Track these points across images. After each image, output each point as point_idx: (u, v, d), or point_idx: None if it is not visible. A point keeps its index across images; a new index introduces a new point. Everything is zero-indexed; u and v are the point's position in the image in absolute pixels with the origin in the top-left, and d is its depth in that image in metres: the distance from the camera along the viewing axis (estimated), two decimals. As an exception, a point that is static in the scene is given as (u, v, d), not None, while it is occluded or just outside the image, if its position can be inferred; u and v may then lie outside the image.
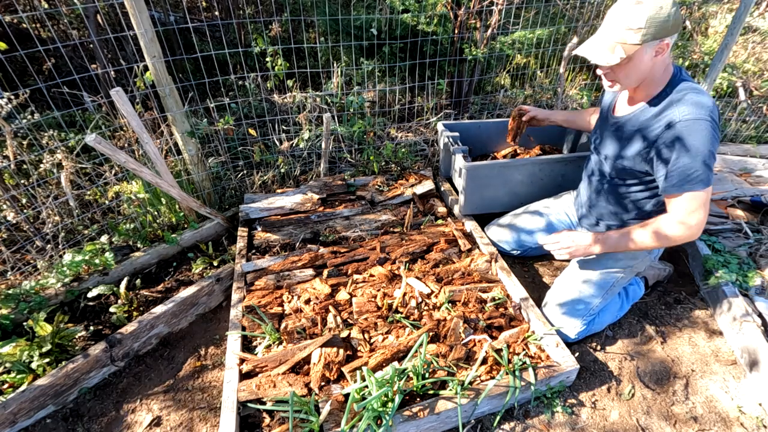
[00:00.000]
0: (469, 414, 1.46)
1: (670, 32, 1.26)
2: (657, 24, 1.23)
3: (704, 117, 1.29)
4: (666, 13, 1.23)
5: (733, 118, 3.26)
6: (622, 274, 1.71)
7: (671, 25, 1.24)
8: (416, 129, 3.11)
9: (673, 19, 1.24)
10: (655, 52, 1.30)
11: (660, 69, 1.38)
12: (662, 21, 1.23)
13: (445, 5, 2.80)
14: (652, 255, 1.72)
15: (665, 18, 1.23)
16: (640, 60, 1.31)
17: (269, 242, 2.17)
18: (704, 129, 1.29)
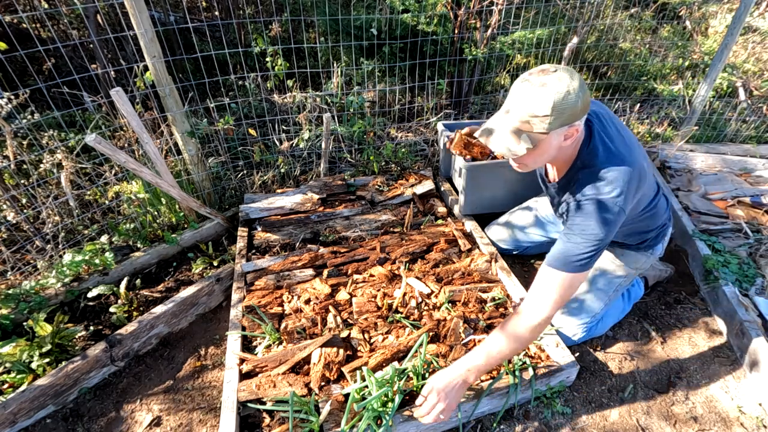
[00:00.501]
0: (469, 414, 1.46)
1: (579, 116, 1.16)
2: (565, 109, 1.12)
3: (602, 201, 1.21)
4: (574, 98, 1.11)
5: (733, 118, 3.26)
6: (625, 278, 1.70)
7: (580, 110, 1.14)
8: (416, 129, 3.11)
9: (582, 103, 1.13)
10: (564, 137, 1.20)
11: (571, 149, 1.29)
12: (570, 106, 1.12)
13: (445, 5, 2.80)
14: (655, 255, 1.70)
15: (573, 103, 1.11)
16: (549, 146, 1.21)
17: (269, 242, 2.17)
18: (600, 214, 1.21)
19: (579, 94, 1.12)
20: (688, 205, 2.45)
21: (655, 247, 1.67)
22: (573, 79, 1.12)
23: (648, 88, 3.76)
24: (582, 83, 1.13)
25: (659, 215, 1.57)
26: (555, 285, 1.26)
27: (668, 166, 2.84)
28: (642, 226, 1.56)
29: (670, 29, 4.35)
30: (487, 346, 1.30)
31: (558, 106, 1.11)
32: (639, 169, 1.27)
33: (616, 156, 1.25)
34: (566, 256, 1.25)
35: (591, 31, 3.83)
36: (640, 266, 1.69)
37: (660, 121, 3.31)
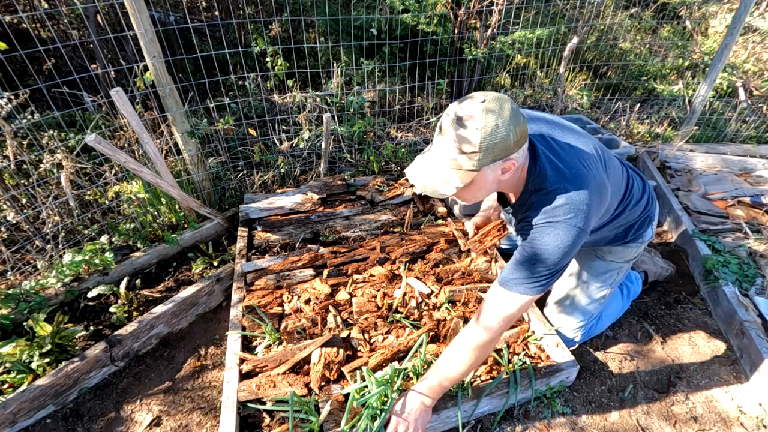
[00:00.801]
0: (469, 414, 1.46)
1: (514, 150, 1.04)
2: (494, 145, 1.01)
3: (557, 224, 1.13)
4: (504, 132, 1.00)
5: (733, 118, 3.26)
6: (618, 273, 1.65)
7: (514, 143, 1.03)
8: (416, 129, 3.11)
9: (516, 135, 1.03)
10: (501, 170, 1.08)
11: (516, 176, 1.18)
12: (501, 140, 1.01)
13: (445, 5, 2.80)
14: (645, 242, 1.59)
15: (503, 137, 1.01)
16: (484, 182, 1.10)
17: (269, 242, 2.17)
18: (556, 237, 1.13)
19: (510, 127, 1.01)
20: (688, 205, 2.45)
21: (644, 234, 1.57)
22: (503, 111, 1.01)
23: (648, 88, 3.76)
24: (514, 113, 1.02)
25: (637, 205, 1.46)
26: (505, 305, 1.20)
27: (668, 166, 2.84)
28: (623, 223, 1.49)
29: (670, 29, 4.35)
30: (439, 369, 1.29)
31: (486, 142, 1.00)
32: (595, 181, 1.18)
33: (568, 174, 1.15)
34: (519, 278, 1.18)
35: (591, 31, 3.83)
36: (632, 257, 1.63)
37: (660, 121, 3.31)
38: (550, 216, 1.14)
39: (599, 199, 1.19)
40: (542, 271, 1.16)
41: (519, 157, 1.08)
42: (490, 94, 1.04)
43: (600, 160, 1.26)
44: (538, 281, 1.16)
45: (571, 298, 1.71)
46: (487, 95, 1.03)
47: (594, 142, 1.31)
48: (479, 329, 1.23)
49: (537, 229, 1.17)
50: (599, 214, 1.25)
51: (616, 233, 1.51)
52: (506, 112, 1.01)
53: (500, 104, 1.01)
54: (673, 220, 2.42)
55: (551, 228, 1.14)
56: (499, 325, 1.21)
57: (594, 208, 1.17)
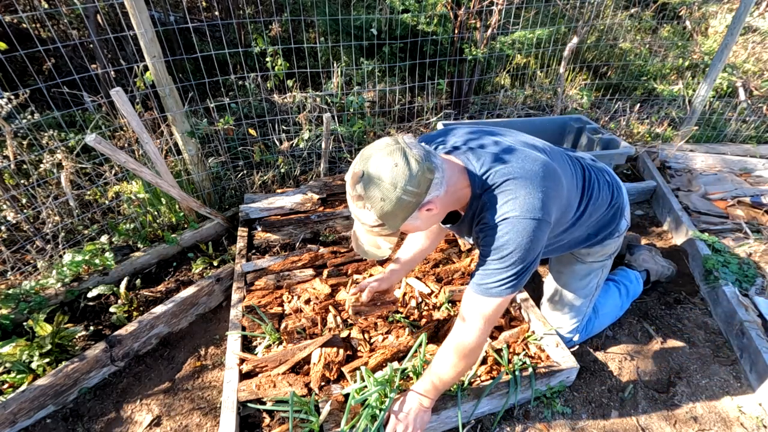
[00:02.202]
0: (469, 414, 1.46)
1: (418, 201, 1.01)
2: (393, 212, 1.00)
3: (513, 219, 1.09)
4: (396, 199, 0.98)
5: (733, 118, 3.26)
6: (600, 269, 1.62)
7: (414, 197, 0.99)
8: (416, 129, 3.11)
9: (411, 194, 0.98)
10: (427, 209, 1.05)
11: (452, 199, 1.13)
12: (397, 207, 0.99)
13: (445, 5, 2.80)
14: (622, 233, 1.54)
15: (399, 204, 0.99)
16: (416, 227, 1.10)
17: (269, 242, 2.17)
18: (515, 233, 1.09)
19: (399, 186, 0.97)
20: (688, 205, 2.45)
21: (618, 227, 1.52)
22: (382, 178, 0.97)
23: (648, 88, 3.76)
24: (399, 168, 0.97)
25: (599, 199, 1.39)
26: (481, 311, 1.18)
27: (668, 166, 2.84)
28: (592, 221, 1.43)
29: (670, 29, 4.35)
30: (432, 373, 1.29)
31: (383, 217, 1.01)
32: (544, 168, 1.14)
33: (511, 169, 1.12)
34: (487, 283, 1.15)
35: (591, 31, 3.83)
36: (612, 252, 1.59)
37: (660, 121, 3.31)
38: (505, 213, 1.09)
39: (553, 185, 1.14)
40: (511, 271, 1.11)
41: (433, 194, 1.03)
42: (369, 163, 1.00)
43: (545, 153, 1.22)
44: (509, 282, 1.13)
45: (560, 298, 1.70)
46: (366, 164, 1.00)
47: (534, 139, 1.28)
48: (463, 334, 1.22)
49: (495, 230, 1.11)
50: (560, 202, 1.19)
51: (588, 233, 1.46)
52: (386, 179, 0.97)
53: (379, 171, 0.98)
54: (673, 220, 2.42)
55: (508, 225, 1.09)
56: (480, 329, 1.19)
57: (550, 194, 1.12)
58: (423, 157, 1.00)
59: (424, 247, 1.65)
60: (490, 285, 1.14)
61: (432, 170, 1.01)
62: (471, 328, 1.20)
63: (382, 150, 1.00)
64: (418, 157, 1.00)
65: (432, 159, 1.03)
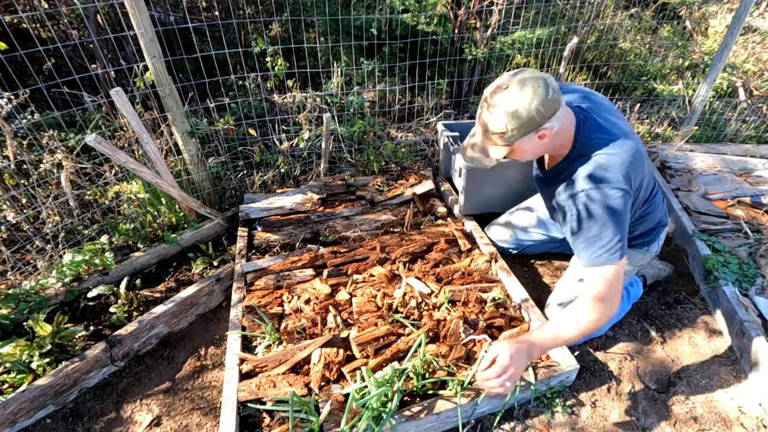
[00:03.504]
0: (469, 414, 1.46)
1: (541, 123, 1.20)
2: (520, 124, 1.19)
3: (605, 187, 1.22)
4: (526, 113, 1.17)
5: (733, 118, 3.26)
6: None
7: (541, 116, 1.18)
8: (416, 129, 3.11)
9: (544, 108, 1.17)
10: (539, 137, 1.24)
11: (556, 143, 1.32)
12: (526, 120, 1.18)
13: (445, 5, 2.80)
14: (651, 252, 1.70)
15: (528, 116, 1.18)
16: (523, 150, 1.28)
17: (269, 242, 2.17)
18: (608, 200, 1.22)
19: (534, 102, 1.17)
20: (688, 205, 2.45)
21: (651, 244, 1.66)
22: (522, 94, 1.17)
23: (648, 88, 3.76)
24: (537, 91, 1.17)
25: (657, 210, 1.58)
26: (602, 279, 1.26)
27: (668, 166, 2.84)
28: (645, 221, 1.57)
29: (670, 29, 4.35)
30: (555, 328, 1.30)
31: (513, 123, 1.19)
32: (636, 151, 1.28)
33: (612, 141, 1.27)
34: (592, 252, 1.26)
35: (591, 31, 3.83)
36: (636, 263, 1.70)
37: (660, 121, 3.31)
38: (598, 182, 1.24)
39: (637, 167, 1.28)
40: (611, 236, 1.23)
41: (552, 125, 1.22)
42: (515, 78, 1.19)
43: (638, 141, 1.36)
44: (614, 247, 1.23)
45: (572, 297, 1.71)
46: (511, 80, 1.19)
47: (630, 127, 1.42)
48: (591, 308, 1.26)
49: (588, 197, 1.25)
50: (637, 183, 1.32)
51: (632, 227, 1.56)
52: (527, 91, 1.17)
53: (521, 86, 1.18)
54: (673, 220, 2.42)
55: (601, 193, 1.23)
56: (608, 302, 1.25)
57: (637, 174, 1.28)
58: (557, 91, 1.20)
59: None
60: (601, 252, 1.24)
61: (559, 104, 1.21)
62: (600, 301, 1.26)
63: (530, 73, 1.20)
64: (555, 89, 1.19)
65: (561, 97, 1.22)
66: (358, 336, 1.57)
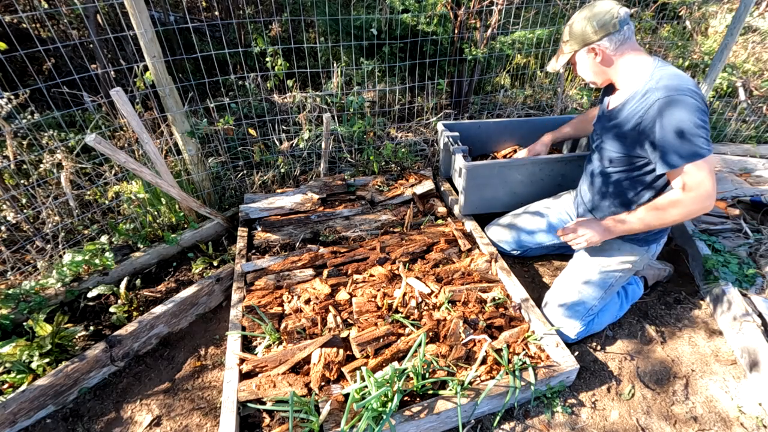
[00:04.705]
0: (469, 414, 1.46)
1: (592, 40, 1.47)
2: (576, 37, 1.51)
3: (683, 91, 1.34)
4: (581, 27, 1.48)
5: (733, 118, 3.26)
6: (621, 274, 1.71)
7: (589, 35, 1.46)
8: (416, 129, 3.11)
9: (592, 30, 1.45)
10: (593, 54, 1.51)
11: (620, 66, 1.52)
12: (579, 34, 1.49)
13: (445, 5, 2.80)
14: (650, 253, 1.72)
15: (581, 31, 1.48)
16: (582, 63, 1.56)
17: (269, 242, 2.17)
18: (686, 101, 1.33)
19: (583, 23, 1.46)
20: (688, 205, 2.45)
21: (651, 245, 1.69)
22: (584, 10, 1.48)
23: (648, 88, 3.75)
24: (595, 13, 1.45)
25: None
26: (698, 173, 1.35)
27: (668, 166, 2.83)
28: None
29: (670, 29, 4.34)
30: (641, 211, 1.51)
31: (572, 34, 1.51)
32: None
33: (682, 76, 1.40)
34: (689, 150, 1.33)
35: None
36: (635, 262, 1.70)
37: (660, 121, 3.30)
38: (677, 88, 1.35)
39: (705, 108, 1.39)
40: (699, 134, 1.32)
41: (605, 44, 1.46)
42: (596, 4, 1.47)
43: None
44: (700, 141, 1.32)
45: (572, 296, 1.72)
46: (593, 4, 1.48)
47: None
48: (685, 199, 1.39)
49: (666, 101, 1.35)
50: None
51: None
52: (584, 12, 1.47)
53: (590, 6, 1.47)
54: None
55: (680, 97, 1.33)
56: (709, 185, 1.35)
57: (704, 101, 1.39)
58: (621, 20, 1.44)
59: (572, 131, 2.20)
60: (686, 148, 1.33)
61: (615, 29, 1.44)
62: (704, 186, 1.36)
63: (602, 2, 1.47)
64: (620, 16, 1.43)
65: (624, 27, 1.45)
66: (358, 336, 1.57)
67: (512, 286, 1.85)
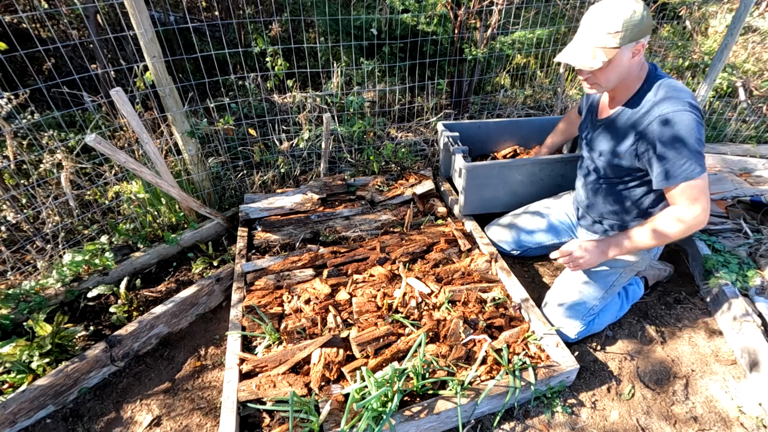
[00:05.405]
0: (469, 414, 1.46)
1: (645, 33, 1.33)
2: (632, 26, 1.30)
3: (686, 108, 1.33)
4: (640, 16, 1.29)
5: (733, 118, 3.26)
6: (622, 274, 1.71)
7: (645, 26, 1.31)
8: (416, 129, 3.11)
9: (647, 21, 1.31)
10: (633, 53, 1.36)
11: (636, 69, 1.44)
12: (637, 23, 1.30)
13: (445, 5, 2.80)
14: (651, 254, 1.72)
15: (639, 20, 1.29)
16: (620, 62, 1.37)
17: (269, 242, 2.17)
18: (688, 119, 1.32)
19: (644, 13, 1.30)
20: (688, 205, 2.45)
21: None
22: (638, 2, 1.31)
23: (648, 88, 3.75)
24: (645, 6, 1.32)
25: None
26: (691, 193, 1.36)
27: (668, 166, 2.83)
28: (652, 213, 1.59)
29: (670, 29, 4.34)
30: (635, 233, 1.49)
31: (627, 23, 1.29)
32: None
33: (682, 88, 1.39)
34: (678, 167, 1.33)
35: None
36: (637, 263, 1.70)
37: (660, 121, 3.30)
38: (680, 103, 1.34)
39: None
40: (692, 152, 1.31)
41: (646, 42, 1.35)
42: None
43: None
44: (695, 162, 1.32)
45: (572, 295, 1.72)
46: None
47: None
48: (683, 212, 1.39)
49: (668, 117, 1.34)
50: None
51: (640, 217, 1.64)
52: (640, 4, 1.30)
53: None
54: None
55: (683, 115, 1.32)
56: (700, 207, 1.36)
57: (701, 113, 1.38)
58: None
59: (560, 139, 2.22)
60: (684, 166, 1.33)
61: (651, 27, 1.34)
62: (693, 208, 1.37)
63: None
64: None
65: None
66: (358, 336, 1.57)
67: (512, 286, 1.85)
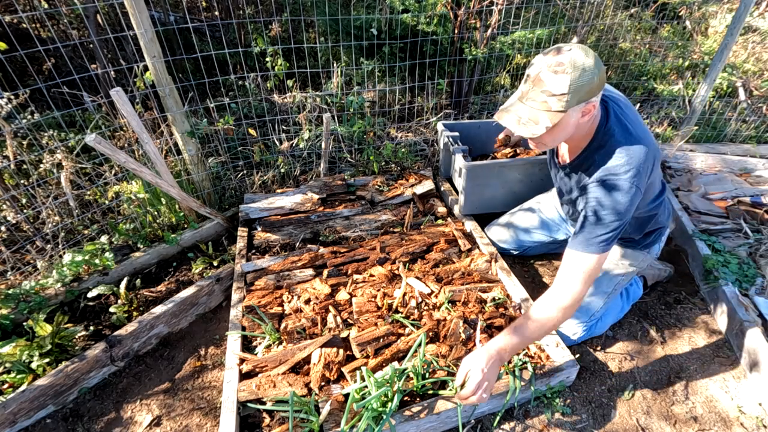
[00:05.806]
0: (469, 414, 1.46)
1: (595, 92, 1.17)
2: (580, 87, 1.14)
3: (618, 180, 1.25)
4: (590, 75, 1.13)
5: (733, 118, 3.26)
6: (624, 277, 1.70)
7: (596, 85, 1.16)
8: (416, 129, 3.11)
9: (599, 77, 1.15)
10: (582, 113, 1.22)
11: (586, 127, 1.32)
12: (586, 83, 1.13)
13: (445, 5, 2.80)
14: (652, 254, 1.71)
15: (589, 79, 1.13)
16: (567, 124, 1.22)
17: (269, 242, 2.17)
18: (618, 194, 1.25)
19: (594, 71, 1.14)
20: (688, 205, 2.45)
21: (652, 246, 1.69)
22: (588, 57, 1.13)
23: (648, 88, 3.76)
24: (597, 60, 1.15)
25: (662, 212, 1.61)
26: (580, 267, 1.30)
27: (668, 166, 2.84)
28: (646, 219, 1.59)
29: (670, 29, 4.34)
30: (519, 327, 1.34)
31: (575, 85, 1.13)
32: (654, 151, 1.30)
33: (632, 137, 1.28)
34: (587, 238, 1.29)
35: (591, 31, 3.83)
36: (638, 265, 1.70)
37: (660, 121, 3.31)
38: (612, 174, 1.26)
39: (652, 167, 1.31)
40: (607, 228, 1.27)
41: (597, 101, 1.22)
42: (573, 44, 1.17)
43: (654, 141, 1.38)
44: (605, 239, 1.27)
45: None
46: (572, 44, 1.16)
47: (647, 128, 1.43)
48: (563, 292, 1.31)
49: (599, 187, 1.28)
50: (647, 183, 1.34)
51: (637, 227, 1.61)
52: (590, 59, 1.14)
53: (585, 52, 1.14)
54: (673, 220, 2.42)
55: (612, 185, 1.26)
56: (580, 285, 1.30)
57: (647, 172, 1.29)
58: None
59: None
60: (592, 240, 1.28)
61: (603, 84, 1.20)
62: (573, 284, 1.31)
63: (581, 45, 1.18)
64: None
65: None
66: (358, 336, 1.57)
67: (512, 286, 1.85)
